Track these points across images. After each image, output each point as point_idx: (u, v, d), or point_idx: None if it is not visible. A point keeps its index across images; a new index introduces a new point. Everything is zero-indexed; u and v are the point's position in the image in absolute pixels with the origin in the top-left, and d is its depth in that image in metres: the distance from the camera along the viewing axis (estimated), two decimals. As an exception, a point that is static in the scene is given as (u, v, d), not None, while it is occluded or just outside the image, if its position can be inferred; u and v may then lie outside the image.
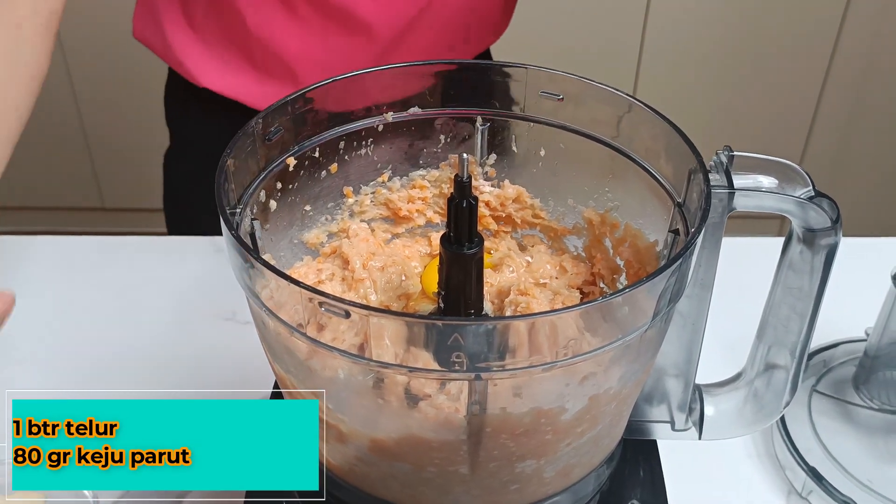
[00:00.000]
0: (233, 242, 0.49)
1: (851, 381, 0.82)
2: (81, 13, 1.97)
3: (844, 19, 1.96)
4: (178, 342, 0.87)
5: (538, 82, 0.61)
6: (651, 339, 0.53)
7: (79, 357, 0.85)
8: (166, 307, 0.92)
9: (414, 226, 0.67)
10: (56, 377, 0.83)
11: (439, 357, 0.46)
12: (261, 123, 0.57)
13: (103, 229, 2.19)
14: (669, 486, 0.64)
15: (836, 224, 0.54)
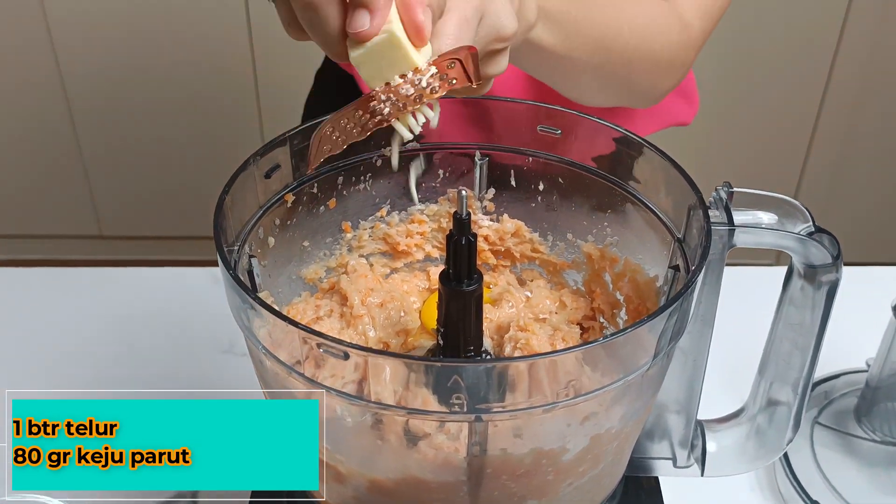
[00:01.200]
0: (230, 282, 0.48)
1: (853, 413, 0.82)
2: (82, 44, 1.97)
3: (837, 51, 1.97)
4: (175, 373, 0.87)
5: (536, 117, 0.61)
6: (652, 378, 0.52)
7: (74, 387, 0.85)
8: (163, 338, 0.91)
9: (413, 260, 0.67)
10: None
11: (439, 398, 0.45)
12: (259, 160, 0.57)
13: (101, 257, 2.19)
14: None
15: (837, 260, 0.54)
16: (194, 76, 2.01)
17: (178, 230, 2.18)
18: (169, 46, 1.96)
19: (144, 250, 2.26)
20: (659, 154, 0.57)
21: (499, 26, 0.52)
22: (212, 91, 2.03)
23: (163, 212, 2.20)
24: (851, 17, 1.93)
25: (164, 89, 2.04)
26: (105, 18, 1.95)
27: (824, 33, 1.97)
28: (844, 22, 1.94)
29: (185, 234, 2.09)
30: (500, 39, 0.53)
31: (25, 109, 2.08)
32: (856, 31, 1.96)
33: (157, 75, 2.02)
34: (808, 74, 2.02)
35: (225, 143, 2.07)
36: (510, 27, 0.53)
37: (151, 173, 2.16)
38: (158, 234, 2.24)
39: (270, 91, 2.00)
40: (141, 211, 2.22)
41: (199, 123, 2.08)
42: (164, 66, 2.00)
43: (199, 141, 2.09)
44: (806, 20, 1.93)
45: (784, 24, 1.91)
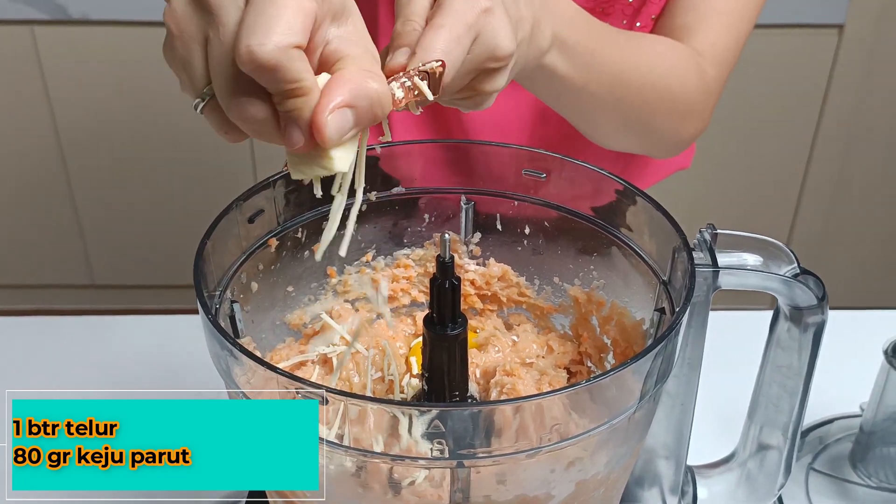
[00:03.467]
0: (209, 327, 0.48)
1: (848, 459, 0.81)
2: (77, 98, 1.99)
3: (827, 97, 1.99)
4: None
5: (520, 161, 0.61)
6: (639, 422, 0.52)
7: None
8: (154, 386, 0.90)
9: (398, 305, 0.66)
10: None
11: (420, 443, 0.44)
12: (242, 205, 0.56)
13: (93, 307, 2.18)
14: (663, 573, 0.62)
15: (823, 301, 0.53)
16: (187, 131, 2.02)
17: (170, 279, 2.18)
18: (162, 102, 1.98)
19: (137, 299, 2.25)
20: (643, 197, 0.57)
21: (494, 46, 0.51)
22: (205, 144, 2.04)
23: (155, 261, 2.20)
24: (838, 69, 1.96)
25: (157, 143, 2.05)
26: (99, 75, 1.97)
27: (813, 84, 1.99)
28: (832, 72, 1.97)
29: (178, 283, 2.08)
30: (494, 59, 0.52)
31: (21, 162, 2.09)
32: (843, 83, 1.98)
33: (150, 129, 2.04)
34: (797, 123, 2.04)
35: (217, 196, 2.07)
36: (507, 48, 0.51)
37: (144, 224, 2.17)
38: (151, 284, 2.24)
39: (266, 145, 2.01)
40: (133, 261, 2.22)
41: (191, 176, 2.09)
42: (156, 120, 2.02)
43: (190, 192, 2.10)
44: (794, 72, 1.96)
45: (773, 73, 1.93)
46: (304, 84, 0.41)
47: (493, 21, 0.50)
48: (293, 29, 0.40)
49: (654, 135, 0.80)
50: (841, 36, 1.92)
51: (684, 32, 0.80)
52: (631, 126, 0.78)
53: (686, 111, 0.79)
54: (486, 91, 0.54)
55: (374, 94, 0.42)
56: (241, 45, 0.39)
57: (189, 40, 0.43)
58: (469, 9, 0.49)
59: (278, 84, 0.40)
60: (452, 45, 0.48)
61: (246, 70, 0.40)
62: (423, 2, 0.50)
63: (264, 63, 0.39)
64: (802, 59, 1.94)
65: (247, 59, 0.39)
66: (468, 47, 0.49)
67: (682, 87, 0.77)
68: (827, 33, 1.92)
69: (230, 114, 0.43)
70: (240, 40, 0.40)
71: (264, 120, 0.42)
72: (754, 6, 0.83)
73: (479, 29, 0.50)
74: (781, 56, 1.90)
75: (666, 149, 0.86)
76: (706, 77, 0.79)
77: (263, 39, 0.39)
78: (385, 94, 0.43)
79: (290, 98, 0.41)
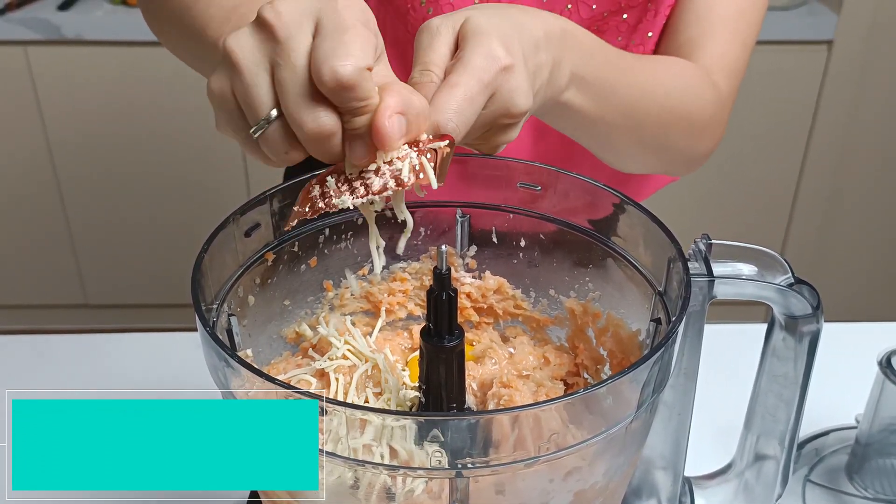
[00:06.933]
0: (207, 340, 0.48)
1: (845, 470, 0.81)
2: (70, 113, 2.00)
3: (817, 111, 2.01)
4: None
5: (516, 174, 0.62)
6: (636, 431, 0.52)
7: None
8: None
9: (395, 318, 0.66)
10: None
11: (419, 454, 0.44)
12: (239, 219, 0.57)
13: (86, 326, 2.17)
14: (662, 585, 0.62)
15: (818, 310, 0.54)
16: (180, 148, 2.03)
17: (164, 298, 2.18)
18: (155, 121, 1.99)
19: (131, 319, 2.25)
20: (637, 208, 0.57)
21: (510, 105, 0.52)
22: (198, 163, 2.05)
23: (149, 280, 2.20)
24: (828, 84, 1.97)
25: (151, 162, 2.06)
26: (92, 94, 1.98)
27: (803, 99, 2.01)
28: (821, 87, 1.98)
29: (172, 302, 2.08)
30: (509, 116, 0.53)
31: (14, 181, 2.09)
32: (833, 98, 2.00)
33: (143, 149, 2.04)
34: (789, 138, 2.06)
35: (211, 214, 2.08)
36: (523, 106, 0.52)
37: (137, 244, 2.17)
38: (144, 303, 2.24)
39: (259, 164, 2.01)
40: (127, 280, 2.21)
41: (184, 195, 2.09)
42: (150, 140, 2.03)
43: (183, 211, 2.10)
44: (785, 88, 1.97)
45: (764, 88, 1.95)
46: (372, 102, 0.45)
47: (511, 80, 0.52)
48: (367, 53, 0.45)
49: (671, 154, 0.80)
50: (830, 52, 1.94)
51: (691, 47, 0.79)
52: (648, 148, 0.77)
53: (702, 128, 0.79)
54: (498, 143, 0.55)
55: (419, 104, 0.47)
56: (325, 66, 0.44)
57: (255, 68, 0.46)
58: (488, 67, 0.50)
59: (352, 102, 0.45)
60: (465, 105, 0.49)
61: (327, 88, 0.44)
62: (443, 49, 0.52)
63: (346, 81, 0.44)
64: (793, 74, 1.96)
65: (329, 77, 0.44)
66: (482, 105, 0.51)
67: (698, 106, 0.77)
68: (816, 49, 1.94)
69: (303, 128, 0.46)
70: (323, 63, 0.44)
71: (334, 132, 0.46)
72: (758, 11, 0.82)
73: (495, 87, 0.51)
74: (772, 72, 1.91)
75: (684, 166, 0.85)
76: (719, 91, 0.79)
77: (345, 61, 0.44)
78: (426, 106, 0.48)
79: (360, 115, 0.45)
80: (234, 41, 0.47)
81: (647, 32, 0.84)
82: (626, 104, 0.69)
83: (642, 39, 0.84)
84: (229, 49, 0.47)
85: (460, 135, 0.49)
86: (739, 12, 0.80)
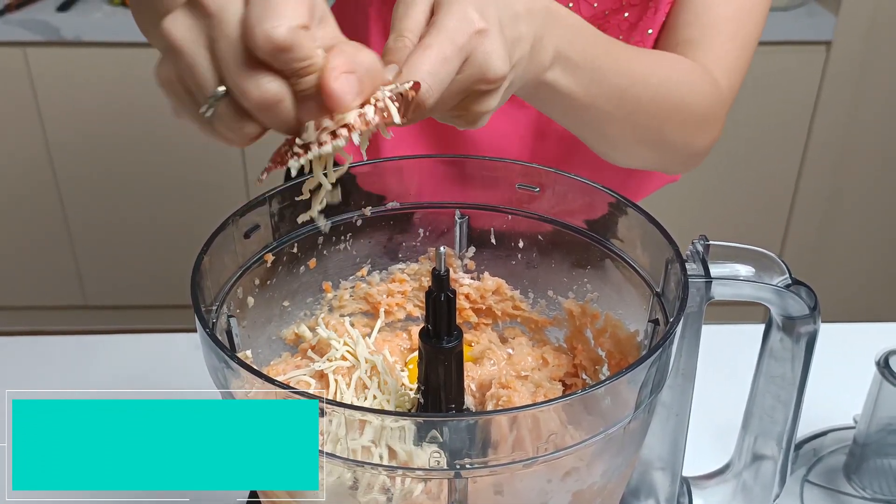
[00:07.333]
0: (207, 341, 0.48)
1: (843, 470, 0.81)
2: (69, 114, 2.00)
3: (816, 112, 2.01)
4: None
5: (514, 175, 0.62)
6: (634, 432, 0.52)
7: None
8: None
9: (394, 320, 0.66)
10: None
11: (417, 454, 0.45)
12: (238, 221, 0.57)
13: (85, 327, 2.17)
14: (660, 585, 0.62)
15: (815, 311, 0.54)
16: (180, 149, 2.03)
17: (163, 299, 2.18)
18: (154, 123, 1.99)
19: (130, 320, 2.25)
20: (635, 209, 0.57)
21: (485, 69, 0.51)
22: (197, 164, 2.05)
23: (148, 281, 2.20)
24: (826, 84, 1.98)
25: (150, 164, 2.06)
26: (91, 95, 1.98)
27: (802, 100, 2.01)
28: (820, 87, 1.99)
29: (171, 303, 2.08)
30: (485, 81, 0.52)
31: (13, 182, 2.09)
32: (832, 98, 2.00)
33: (142, 150, 2.04)
34: (787, 138, 2.06)
35: (210, 215, 2.08)
36: (498, 70, 0.51)
37: (136, 244, 2.17)
38: (144, 304, 2.24)
39: (258, 163, 2.02)
40: (126, 281, 2.21)
41: (183, 196, 2.09)
42: (149, 141, 2.02)
43: (183, 212, 2.10)
44: (783, 88, 1.97)
45: (763, 89, 1.95)
46: (316, 60, 0.44)
47: (486, 42, 0.51)
48: (299, 12, 0.43)
49: (668, 148, 0.79)
50: (829, 53, 1.94)
51: (690, 47, 0.79)
52: (644, 141, 0.76)
53: (699, 122, 0.78)
54: (478, 111, 0.54)
55: (368, 60, 0.46)
56: (257, 31, 0.42)
57: (193, 46, 0.45)
58: (461, 29, 0.49)
59: (293, 63, 0.43)
60: (439, 65, 0.48)
61: (263, 53, 0.43)
62: (418, 17, 0.51)
63: (280, 43, 0.42)
64: (791, 75, 1.96)
65: (263, 41, 0.42)
66: (456, 68, 0.49)
67: (694, 98, 0.76)
68: (815, 50, 1.95)
69: (250, 98, 0.44)
70: (254, 27, 0.43)
71: (281, 97, 0.44)
72: (759, 11, 0.81)
73: (469, 50, 0.50)
74: (771, 72, 1.92)
75: (681, 162, 0.84)
76: (718, 87, 0.78)
77: (276, 23, 0.42)
78: (376, 62, 0.46)
79: (305, 76, 0.44)
80: (170, 23, 0.46)
81: (648, 29, 0.84)
82: (616, 89, 0.67)
83: (642, 36, 0.84)
84: (166, 32, 0.46)
85: (434, 96, 0.48)
86: (739, 12, 0.80)
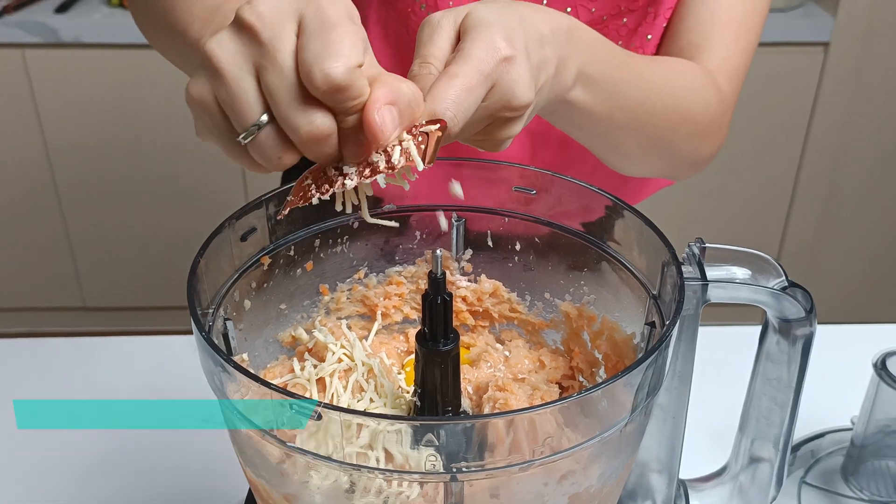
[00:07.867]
0: (203, 344, 0.48)
1: (840, 472, 0.81)
2: (67, 116, 2.00)
3: (813, 113, 2.01)
4: (156, 445, 0.85)
5: (511, 177, 0.62)
6: (631, 434, 0.52)
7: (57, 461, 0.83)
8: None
9: (391, 322, 0.66)
10: (35, 482, 0.80)
11: (414, 457, 0.45)
12: (235, 223, 0.57)
13: (84, 329, 2.17)
14: (658, 587, 0.62)
15: (811, 314, 0.54)
16: (178, 152, 2.03)
17: (161, 301, 2.18)
18: (153, 124, 1.99)
19: (128, 321, 2.25)
20: (632, 212, 0.57)
21: (510, 97, 0.51)
22: (195, 166, 2.05)
23: (146, 283, 2.20)
24: (824, 86, 1.98)
25: (148, 165, 2.06)
26: (90, 97, 1.98)
27: (800, 101, 2.01)
28: (818, 89, 1.99)
29: (169, 304, 2.08)
30: (510, 109, 0.51)
31: (12, 184, 2.09)
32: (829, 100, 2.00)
33: (140, 152, 2.04)
34: (785, 140, 2.06)
35: (208, 217, 2.08)
36: (524, 98, 0.51)
37: (135, 246, 2.17)
38: (142, 306, 2.24)
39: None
40: (124, 283, 2.21)
41: (182, 198, 2.09)
42: (147, 143, 2.02)
43: (181, 214, 2.11)
44: (781, 89, 1.97)
45: (761, 90, 1.95)
46: (365, 98, 0.44)
47: (512, 71, 0.50)
48: (356, 50, 0.43)
49: (676, 156, 0.79)
50: (826, 54, 1.94)
51: (693, 51, 0.79)
52: (653, 150, 0.77)
53: (706, 130, 0.78)
54: (501, 137, 0.54)
55: (409, 92, 0.46)
56: (315, 70, 0.42)
57: (239, 73, 0.45)
58: (488, 58, 0.49)
59: (346, 102, 0.43)
60: (464, 95, 0.48)
61: (320, 92, 0.43)
62: (443, 43, 0.51)
63: (339, 83, 0.42)
64: (789, 76, 1.96)
65: (322, 81, 0.42)
66: (482, 96, 0.49)
67: (702, 107, 0.76)
68: (812, 51, 1.95)
69: (298, 132, 0.44)
70: (312, 65, 0.42)
71: (331, 132, 0.44)
72: (760, 16, 0.82)
73: (496, 78, 0.50)
74: (769, 73, 1.92)
75: (687, 170, 0.85)
76: (722, 93, 0.78)
77: (335, 63, 0.42)
78: (417, 94, 0.46)
79: (354, 113, 0.44)
80: (215, 44, 0.45)
81: (647, 35, 0.84)
82: (632, 102, 0.68)
83: (641, 42, 0.84)
84: (210, 53, 0.45)
85: (459, 125, 0.48)
86: (741, 16, 0.80)
